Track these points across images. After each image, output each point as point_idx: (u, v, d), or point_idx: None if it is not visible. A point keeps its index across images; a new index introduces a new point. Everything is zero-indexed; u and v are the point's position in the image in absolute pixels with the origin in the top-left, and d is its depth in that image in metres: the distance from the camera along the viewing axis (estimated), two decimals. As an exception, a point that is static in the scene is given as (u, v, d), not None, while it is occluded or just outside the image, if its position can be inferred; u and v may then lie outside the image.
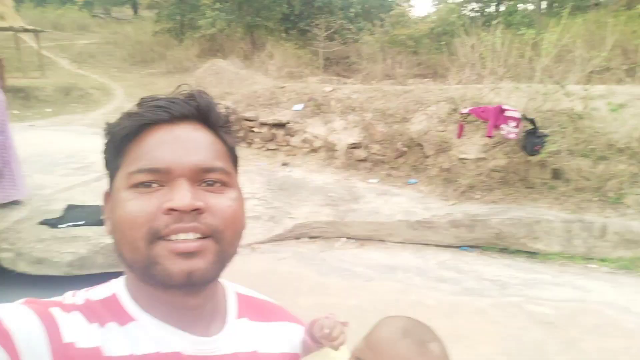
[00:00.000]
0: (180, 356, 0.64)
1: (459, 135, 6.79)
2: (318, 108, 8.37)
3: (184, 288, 0.61)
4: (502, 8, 24.70)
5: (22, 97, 12.20)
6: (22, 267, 4.70)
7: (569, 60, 7.24)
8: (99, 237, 5.07)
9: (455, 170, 6.96)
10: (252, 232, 5.93)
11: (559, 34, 6.97)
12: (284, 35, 18.76)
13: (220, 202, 0.64)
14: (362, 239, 6.26)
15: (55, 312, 0.61)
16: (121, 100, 12.95)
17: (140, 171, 0.62)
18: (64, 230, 5.12)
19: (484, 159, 6.89)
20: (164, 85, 14.42)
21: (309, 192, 6.81)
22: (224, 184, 0.66)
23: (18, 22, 14.83)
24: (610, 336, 4.09)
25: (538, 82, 6.80)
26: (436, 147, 7.31)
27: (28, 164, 6.87)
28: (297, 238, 6.21)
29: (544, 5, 21.89)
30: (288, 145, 8.33)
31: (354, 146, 7.72)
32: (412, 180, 7.23)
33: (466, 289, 4.97)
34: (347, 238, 6.28)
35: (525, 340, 4.04)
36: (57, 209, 5.51)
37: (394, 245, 6.17)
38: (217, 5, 16.75)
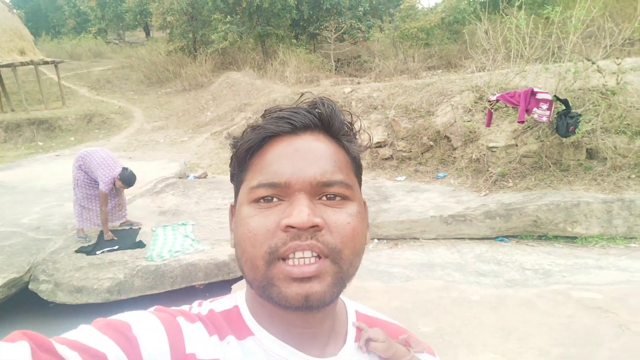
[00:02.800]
0: None
1: (488, 124, 6.63)
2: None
3: (300, 310, 0.60)
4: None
5: (46, 128, 12.50)
6: (61, 297, 4.75)
7: (598, 36, 6.98)
8: (135, 260, 5.12)
9: (485, 160, 6.80)
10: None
11: (587, 9, 6.73)
12: (294, 41, 18.78)
13: (339, 218, 0.61)
14: (395, 239, 6.16)
15: (182, 321, 0.63)
16: (141, 122, 13.14)
17: (260, 186, 0.61)
18: (100, 256, 5.18)
19: (514, 145, 6.71)
20: (180, 103, 14.59)
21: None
22: (345, 198, 0.63)
23: (38, 55, 15.25)
24: (665, 317, 3.91)
25: (567, 61, 6.58)
26: (464, 138, 7.16)
27: (58, 194, 7.02)
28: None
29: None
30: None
31: (379, 145, 7.63)
32: (441, 174, 7.10)
33: (509, 280, 4.83)
34: (379, 239, 6.19)
35: (576, 327, 3.89)
36: (91, 235, 5.61)
37: (427, 242, 6.05)
38: (228, 18, 16.89)
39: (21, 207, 6.57)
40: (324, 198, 0.62)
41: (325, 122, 0.66)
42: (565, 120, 5.84)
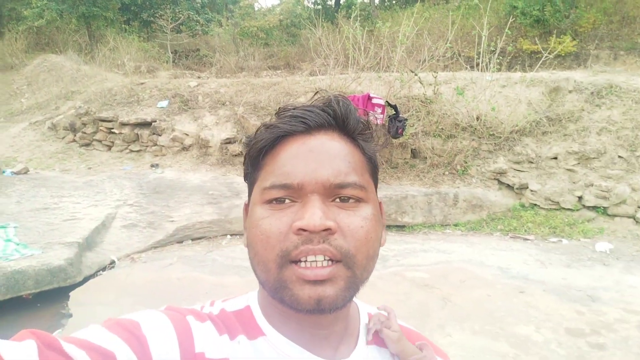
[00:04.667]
0: None
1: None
2: (185, 104, 8.07)
3: (312, 313, 0.59)
4: (342, 1, 26.36)
5: None
6: None
7: (417, 51, 8.10)
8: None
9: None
10: (128, 243, 5.57)
11: (411, 26, 7.76)
12: (125, 27, 17.42)
13: (353, 222, 0.60)
14: (248, 233, 6.28)
15: (191, 320, 0.62)
16: None
17: (273, 187, 0.61)
18: None
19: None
20: (-14, 85, 12.39)
21: (187, 193, 6.59)
22: (359, 200, 0.62)
23: None
24: (474, 288, 4.81)
25: (395, 71, 7.51)
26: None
27: None
28: (180, 242, 5.99)
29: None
30: (155, 145, 7.88)
31: (228, 141, 7.64)
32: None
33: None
34: (232, 235, 6.24)
35: (411, 303, 4.54)
36: None
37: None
38: (46, -7, 14.86)
39: None
40: (338, 200, 0.61)
41: (340, 120, 0.64)
42: (395, 123, 6.68)
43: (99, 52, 14.09)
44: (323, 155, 0.61)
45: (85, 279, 4.74)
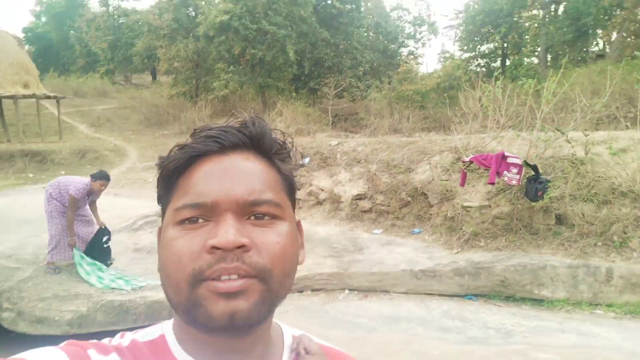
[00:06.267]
0: None
1: (462, 183, 6.86)
2: (324, 161, 8.58)
3: (227, 332, 0.57)
4: (507, 62, 25.50)
5: (39, 160, 12.74)
6: (22, 327, 4.71)
7: (569, 109, 7.38)
8: (101, 294, 5.13)
9: (459, 219, 6.96)
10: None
11: (558, 82, 7.18)
12: (294, 94, 19.47)
13: (267, 238, 0.59)
14: (366, 290, 6.21)
15: (92, 354, 0.59)
16: (133, 161, 13.39)
17: (185, 207, 0.59)
18: (67, 287, 5.18)
19: (487, 206, 6.90)
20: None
21: (313, 244, 6.85)
22: (275, 217, 0.61)
23: (41, 90, 15.72)
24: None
25: (539, 130, 6.93)
26: (440, 196, 7.36)
27: (37, 224, 7.10)
28: (300, 291, 6.20)
29: (549, 57, 22.55)
30: (294, 198, 8.45)
31: (359, 197, 7.82)
32: (416, 230, 7.24)
33: (470, 337, 4.86)
34: (350, 290, 6.24)
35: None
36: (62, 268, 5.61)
37: (398, 295, 6.09)
38: (231, 68, 17.62)
39: (-1, 235, 6.63)
40: (253, 218, 0.60)
41: (255, 141, 0.64)
42: (534, 185, 6.07)
43: (268, 116, 15.94)
44: (237, 174, 0.61)
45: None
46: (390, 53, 25.13)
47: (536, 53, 24.40)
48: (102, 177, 5.49)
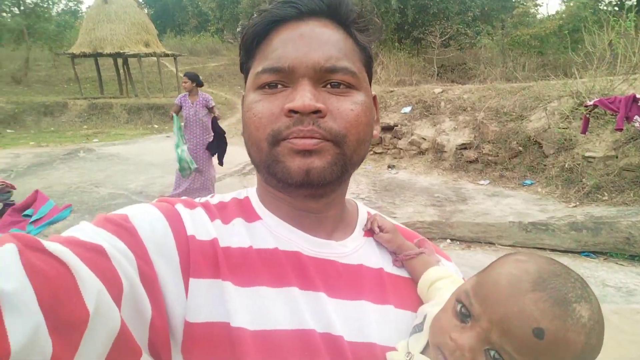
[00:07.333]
0: (299, 255, 0.64)
1: (584, 131, 6.19)
2: (427, 110, 8.26)
3: (303, 187, 0.61)
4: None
5: (161, 113, 14.02)
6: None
7: None
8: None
9: (579, 170, 6.35)
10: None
11: None
12: (397, 44, 18.77)
13: (342, 105, 0.61)
14: (469, 241, 5.99)
15: (180, 208, 0.64)
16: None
17: (264, 71, 0.61)
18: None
19: (614, 156, 6.19)
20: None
21: (414, 193, 6.73)
22: (350, 86, 0.62)
23: (160, 49, 17.00)
24: None
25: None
26: (557, 146, 6.75)
27: (163, 167, 7.86)
28: (400, 238, 6.17)
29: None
30: (395, 148, 8.32)
31: (464, 147, 7.46)
32: (528, 181, 6.75)
33: (585, 295, 4.51)
34: (452, 240, 6.07)
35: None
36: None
37: (503, 248, 5.80)
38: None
39: (131, 175, 7.50)
40: (329, 86, 0.61)
41: (333, 7, 0.64)
42: (675, 131, 5.29)
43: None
44: (314, 40, 0.61)
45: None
46: (504, -6, 22.98)
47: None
48: (184, 75, 5.96)
